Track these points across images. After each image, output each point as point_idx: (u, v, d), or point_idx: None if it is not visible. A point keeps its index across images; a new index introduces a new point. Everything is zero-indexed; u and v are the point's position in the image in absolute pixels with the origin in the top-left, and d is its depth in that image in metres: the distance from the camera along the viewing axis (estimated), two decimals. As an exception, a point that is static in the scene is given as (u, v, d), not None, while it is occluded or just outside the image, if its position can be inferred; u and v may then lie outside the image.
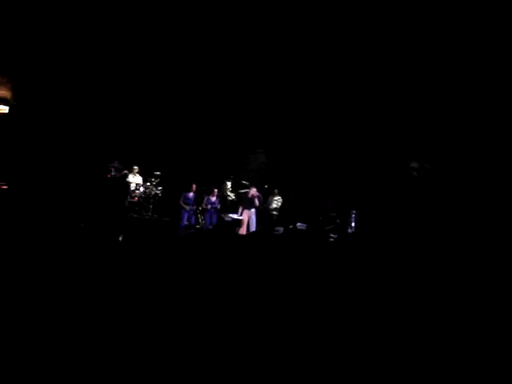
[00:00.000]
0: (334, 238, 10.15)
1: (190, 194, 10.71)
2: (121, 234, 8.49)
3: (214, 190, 10.96)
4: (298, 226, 10.83)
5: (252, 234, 9.96)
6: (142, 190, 10.81)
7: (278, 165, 12.60)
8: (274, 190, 11.88)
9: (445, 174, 8.11)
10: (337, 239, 10.02)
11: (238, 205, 10.77)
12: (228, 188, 12.33)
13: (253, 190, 10.31)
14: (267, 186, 11.98)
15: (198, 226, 10.97)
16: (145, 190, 10.83)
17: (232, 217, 10.68)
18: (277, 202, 11.88)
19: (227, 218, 10.88)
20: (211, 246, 7.94)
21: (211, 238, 9.29)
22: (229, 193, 12.29)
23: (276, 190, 11.81)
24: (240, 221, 10.28)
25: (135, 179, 11.04)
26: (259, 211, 10.61)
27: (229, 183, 12.48)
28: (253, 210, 10.26)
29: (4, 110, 8.84)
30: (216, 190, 11.03)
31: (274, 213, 11.63)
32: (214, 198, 10.91)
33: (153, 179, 11.10)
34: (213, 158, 12.66)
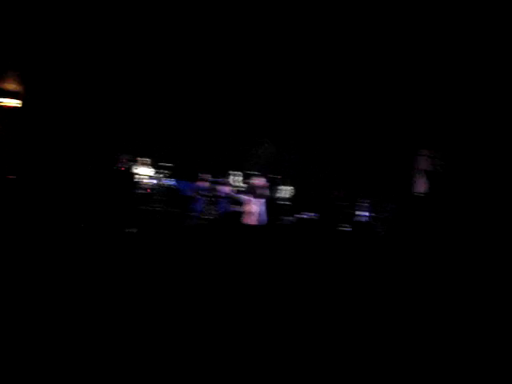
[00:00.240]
0: (348, 227, 10.21)
1: (204, 185, 10.72)
2: (131, 226, 8.56)
3: (226, 180, 10.98)
4: (307, 215, 10.86)
5: (264, 225, 10.00)
6: (153, 182, 10.84)
7: (289, 155, 12.59)
8: (285, 181, 11.88)
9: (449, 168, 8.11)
10: (350, 229, 10.08)
11: (248, 195, 10.75)
12: (238, 179, 12.34)
13: (262, 181, 10.31)
14: (280, 177, 12.00)
15: (209, 216, 10.98)
16: (156, 182, 10.86)
17: (244, 198, 10.63)
18: (285, 192, 11.90)
19: (239, 199, 10.89)
20: (221, 237, 7.99)
21: (222, 229, 9.35)
22: (239, 183, 12.30)
23: (287, 180, 11.81)
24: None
25: (146, 171, 11.07)
26: (269, 201, 10.60)
27: (238, 174, 12.48)
28: (263, 201, 10.26)
29: (14, 103, 8.88)
30: (227, 180, 11.05)
31: (285, 203, 11.65)
32: (227, 189, 10.92)
33: (164, 171, 11.13)
34: (222, 149, 12.67)
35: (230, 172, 12.23)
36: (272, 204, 11.09)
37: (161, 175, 11.16)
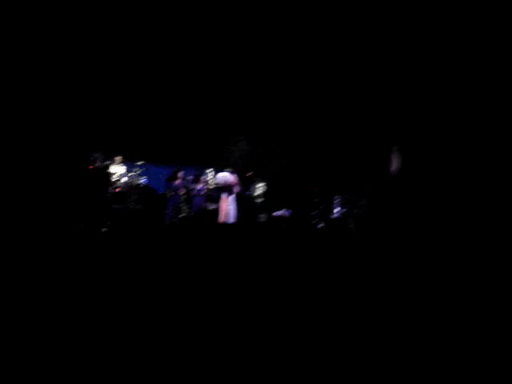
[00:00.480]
0: (320, 224, 10.28)
1: (177, 183, 10.66)
2: (104, 226, 8.47)
3: (199, 178, 10.94)
4: (281, 212, 10.91)
5: (235, 223, 10.00)
6: (124, 180, 10.73)
7: (261, 152, 12.61)
8: (256, 177, 11.89)
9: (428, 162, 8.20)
10: (322, 226, 10.15)
11: (219, 192, 10.72)
12: (210, 176, 12.32)
13: (232, 177, 10.27)
14: (251, 173, 12.00)
15: (182, 214, 10.95)
16: (128, 180, 10.75)
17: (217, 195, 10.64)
18: (260, 188, 11.92)
19: (212, 196, 10.93)
20: (195, 235, 7.96)
21: (195, 227, 9.32)
22: (211, 181, 12.27)
23: (259, 177, 11.82)
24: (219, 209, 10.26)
25: (118, 169, 10.95)
26: (240, 199, 10.59)
27: (210, 171, 12.47)
28: (232, 198, 10.23)
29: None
30: (202, 178, 11.02)
31: (257, 200, 11.66)
32: (201, 186, 10.89)
33: (136, 169, 11.03)
34: (194, 146, 12.62)
35: (204, 169, 12.20)
36: (245, 201, 11.11)
37: (134, 173, 11.06)
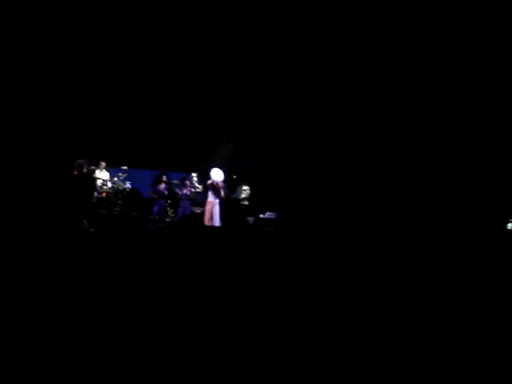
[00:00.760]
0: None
1: (162, 186, 10.61)
2: (89, 231, 8.42)
3: (185, 182, 10.89)
4: (267, 215, 10.92)
5: (222, 226, 10.01)
6: (109, 185, 10.68)
7: (246, 155, 12.63)
8: (240, 181, 11.92)
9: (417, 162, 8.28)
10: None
11: (204, 196, 10.72)
12: (195, 180, 12.31)
13: (218, 181, 10.26)
14: (236, 177, 12.01)
15: (167, 219, 10.93)
16: (112, 186, 10.71)
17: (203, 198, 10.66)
18: (245, 191, 11.94)
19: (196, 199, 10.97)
20: (181, 239, 7.95)
21: (181, 231, 9.30)
22: (196, 184, 12.26)
23: (242, 180, 11.87)
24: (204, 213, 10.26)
25: (102, 175, 10.90)
26: (225, 202, 10.59)
27: (195, 175, 12.47)
28: (217, 201, 10.23)
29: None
30: (187, 182, 10.97)
31: (243, 203, 11.68)
32: (186, 190, 10.86)
33: (120, 174, 10.99)
34: (179, 149, 12.58)
35: (189, 173, 12.18)
36: (231, 204, 11.11)
37: (119, 178, 11.02)
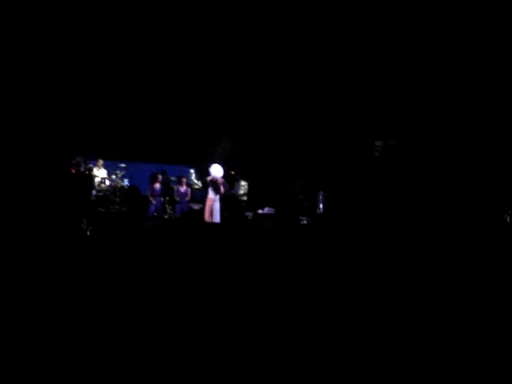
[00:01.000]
0: (305, 220, 10.30)
1: (157, 186, 10.60)
2: (88, 229, 8.38)
3: (182, 180, 10.87)
4: (266, 210, 10.92)
5: (222, 222, 10.00)
6: (107, 183, 10.66)
7: (244, 150, 12.61)
8: (238, 176, 11.94)
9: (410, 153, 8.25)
10: (308, 222, 10.18)
11: (204, 192, 10.71)
12: (193, 176, 12.30)
13: (218, 177, 10.25)
14: (233, 173, 12.01)
15: (166, 216, 10.90)
16: (111, 184, 10.69)
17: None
18: (243, 187, 11.94)
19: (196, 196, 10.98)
20: (182, 235, 7.94)
21: (180, 227, 9.28)
22: (195, 181, 12.25)
23: (239, 176, 11.90)
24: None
25: (100, 173, 10.88)
26: (225, 198, 10.58)
27: (192, 172, 12.46)
28: (217, 197, 10.23)
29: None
30: (184, 179, 10.95)
31: (241, 199, 11.68)
32: (184, 189, 10.83)
33: (118, 171, 10.96)
34: (177, 143, 12.56)
35: (187, 167, 12.19)
36: (230, 200, 11.10)
37: (117, 176, 10.99)
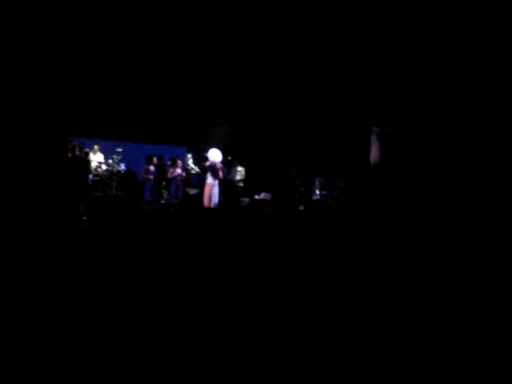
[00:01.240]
0: (302, 206, 10.35)
1: (151, 168, 10.52)
2: (85, 214, 8.38)
3: (177, 161, 10.79)
4: (262, 196, 10.95)
5: (219, 207, 10.01)
6: (104, 167, 10.64)
7: (241, 135, 12.59)
8: (234, 162, 11.95)
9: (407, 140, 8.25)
10: (304, 208, 10.23)
11: (203, 177, 10.69)
12: (190, 161, 12.29)
13: (216, 161, 10.25)
14: (231, 158, 12.00)
15: (162, 201, 10.88)
16: (107, 168, 10.66)
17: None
18: (240, 173, 11.95)
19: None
20: (180, 220, 7.95)
21: (177, 212, 9.29)
22: (192, 166, 12.23)
23: (236, 161, 11.91)
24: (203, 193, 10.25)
25: (96, 157, 10.85)
26: (223, 183, 10.60)
27: (190, 156, 12.44)
28: (216, 182, 10.24)
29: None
30: (180, 161, 10.87)
31: (238, 184, 11.71)
32: (180, 171, 10.77)
33: (115, 156, 10.93)
34: (176, 130, 12.51)
35: (183, 149, 12.18)
36: (227, 185, 11.12)
37: (113, 160, 10.96)
